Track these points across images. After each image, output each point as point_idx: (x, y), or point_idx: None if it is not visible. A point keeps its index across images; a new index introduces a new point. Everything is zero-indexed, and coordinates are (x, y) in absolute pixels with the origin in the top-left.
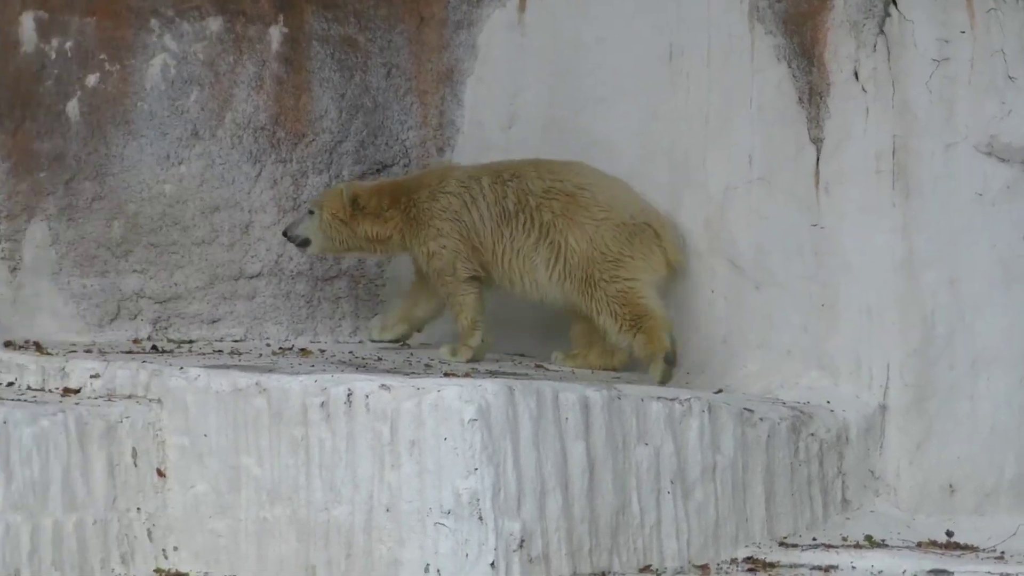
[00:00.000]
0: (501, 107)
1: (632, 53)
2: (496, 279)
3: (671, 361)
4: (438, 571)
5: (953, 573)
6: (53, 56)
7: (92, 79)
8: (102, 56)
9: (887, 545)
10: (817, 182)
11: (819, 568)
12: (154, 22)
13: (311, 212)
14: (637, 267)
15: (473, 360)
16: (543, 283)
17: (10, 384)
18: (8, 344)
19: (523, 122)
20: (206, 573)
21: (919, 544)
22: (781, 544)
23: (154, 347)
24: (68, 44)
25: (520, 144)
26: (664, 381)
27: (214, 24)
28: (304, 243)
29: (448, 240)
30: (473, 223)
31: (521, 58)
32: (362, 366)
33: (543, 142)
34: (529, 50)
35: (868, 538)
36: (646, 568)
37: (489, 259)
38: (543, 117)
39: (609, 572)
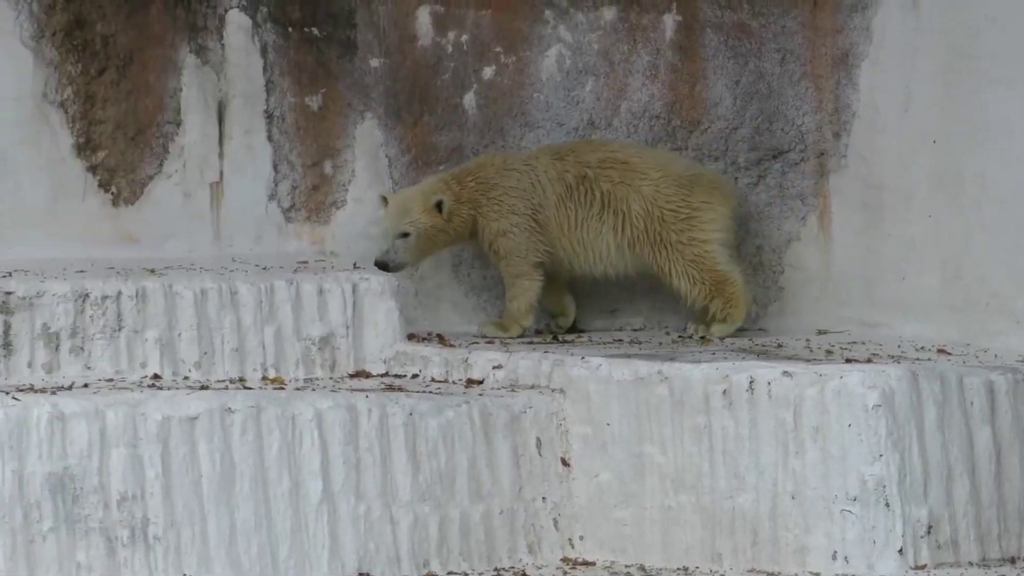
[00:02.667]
0: (896, 90)
1: None
2: (561, 255)
3: (742, 329)
4: (845, 558)
5: None
6: (449, 49)
7: (488, 71)
8: (498, 48)
9: None
10: None
11: None
12: (548, 13)
13: (405, 235)
14: (706, 222)
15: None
16: (610, 253)
17: (414, 376)
18: (412, 336)
19: (918, 105)
20: (612, 561)
21: None
22: None
23: (555, 337)
24: (464, 37)
25: (916, 127)
26: (722, 338)
27: (608, 14)
28: (402, 267)
29: (520, 218)
30: (540, 200)
31: (916, 40)
32: (763, 353)
33: (940, 124)
34: (924, 32)
35: None
36: None
37: (556, 234)
38: (939, 99)
39: (1019, 558)
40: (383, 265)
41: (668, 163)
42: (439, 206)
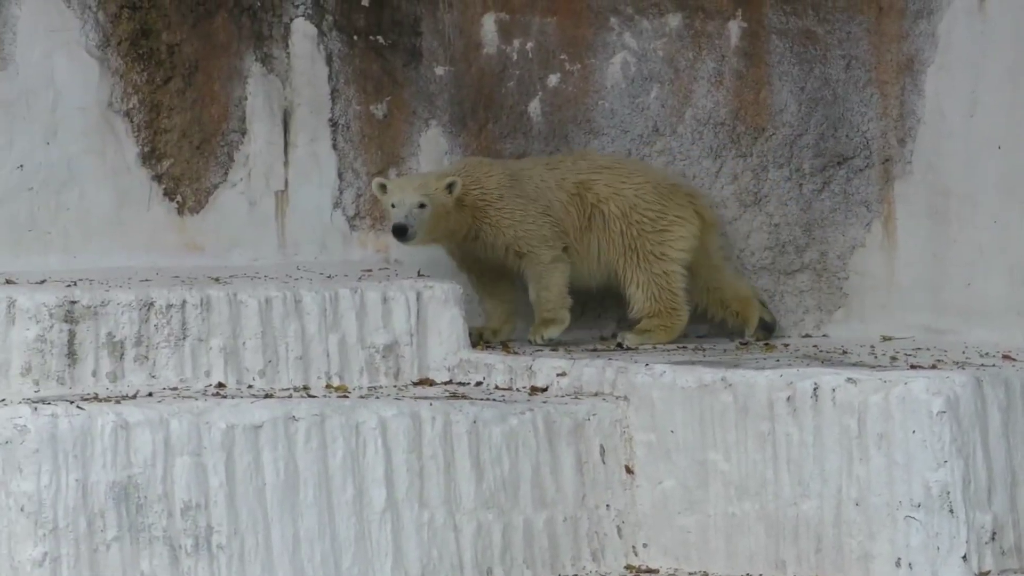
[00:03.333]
0: (963, 96)
1: None
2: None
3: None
4: (909, 565)
5: None
6: (515, 57)
7: (553, 79)
8: (563, 56)
9: None
10: None
11: None
12: (614, 20)
13: (422, 206)
14: (676, 239)
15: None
16: (596, 262)
17: (479, 383)
18: (475, 344)
19: (985, 110)
20: (676, 569)
21: None
22: None
23: (619, 344)
24: (529, 44)
25: (982, 132)
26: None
27: (673, 21)
28: (413, 235)
29: (536, 210)
30: (547, 202)
31: (982, 45)
32: (827, 360)
33: (1006, 129)
34: (991, 37)
35: None
36: None
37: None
38: (1006, 104)
39: None
40: (402, 229)
41: (650, 171)
42: (451, 187)
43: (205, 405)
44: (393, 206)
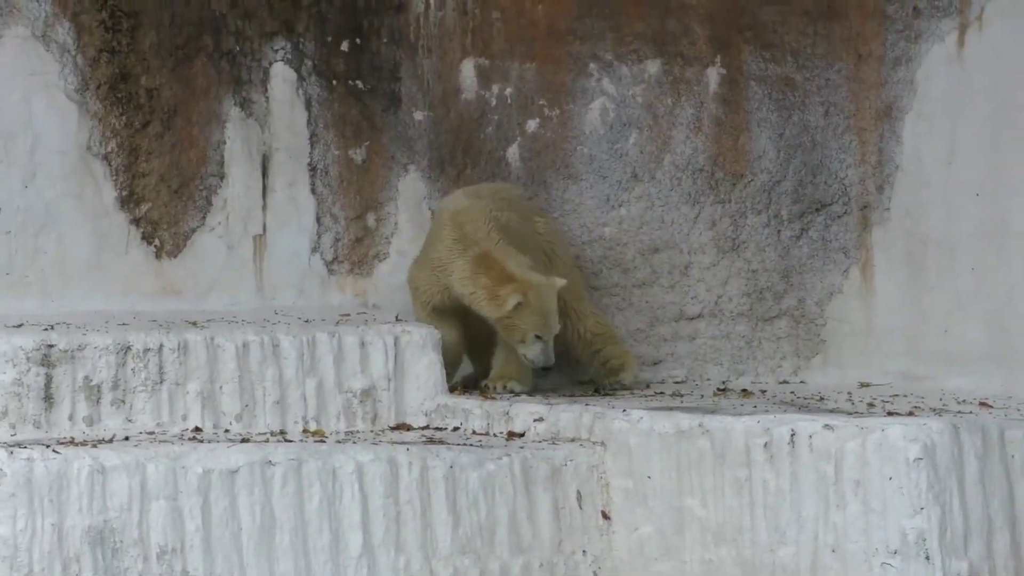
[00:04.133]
0: (940, 143)
1: None
2: None
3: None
4: None
5: None
6: (494, 102)
7: (532, 124)
8: (542, 101)
9: None
10: None
11: None
12: (593, 66)
13: (519, 303)
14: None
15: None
16: None
17: (456, 429)
18: (453, 388)
19: (963, 157)
20: None
21: None
22: None
23: (596, 390)
24: (508, 90)
25: (961, 180)
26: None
27: (652, 67)
28: None
29: None
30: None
31: (961, 93)
32: (804, 406)
33: (985, 177)
34: (969, 84)
35: None
36: None
37: None
38: (984, 151)
39: None
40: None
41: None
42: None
43: (182, 449)
44: (539, 337)
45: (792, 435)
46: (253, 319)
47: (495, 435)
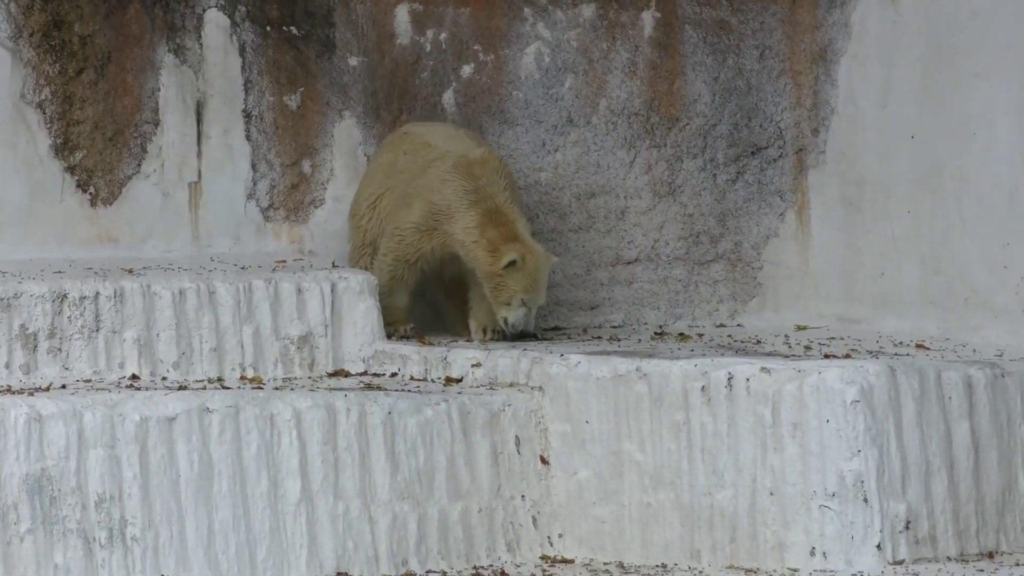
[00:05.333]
0: (875, 86)
1: (1008, 27)
2: None
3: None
4: (824, 554)
5: None
6: (428, 47)
7: (467, 69)
8: (476, 47)
9: None
10: None
11: None
12: (527, 11)
13: (513, 262)
14: None
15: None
16: None
17: (393, 375)
18: (389, 336)
19: (898, 100)
20: (591, 559)
21: None
22: None
23: (534, 335)
24: (443, 35)
25: (895, 122)
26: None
27: (587, 11)
28: None
29: None
30: None
31: (895, 35)
32: (741, 350)
33: (919, 120)
34: (903, 27)
35: None
36: None
37: None
38: (918, 94)
39: (997, 552)
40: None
41: None
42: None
43: (119, 397)
44: (523, 303)
45: (729, 378)
46: (189, 266)
47: (433, 381)
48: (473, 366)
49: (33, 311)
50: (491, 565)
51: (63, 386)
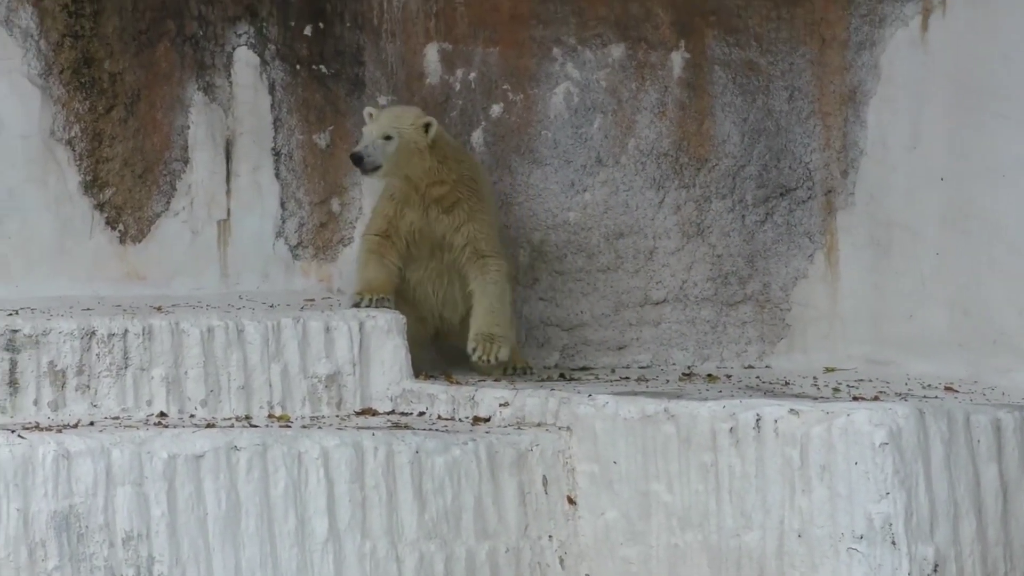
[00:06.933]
0: (904, 127)
1: None
2: None
3: None
4: None
5: None
6: (457, 87)
7: (496, 109)
8: (505, 86)
9: None
10: None
11: None
12: (557, 51)
13: (388, 138)
14: None
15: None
16: None
17: (421, 414)
18: (419, 374)
19: (927, 142)
20: None
21: None
22: None
23: (561, 375)
24: (472, 75)
25: (924, 164)
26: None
27: (616, 51)
28: (375, 169)
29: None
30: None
31: (924, 78)
32: (769, 391)
33: (948, 162)
34: (933, 69)
35: None
36: None
37: None
38: (947, 136)
39: None
40: (358, 158)
41: None
42: (427, 127)
43: (147, 434)
44: (351, 150)
45: (758, 420)
46: (218, 304)
47: (461, 420)
48: (501, 405)
49: (62, 348)
50: None
51: (91, 423)
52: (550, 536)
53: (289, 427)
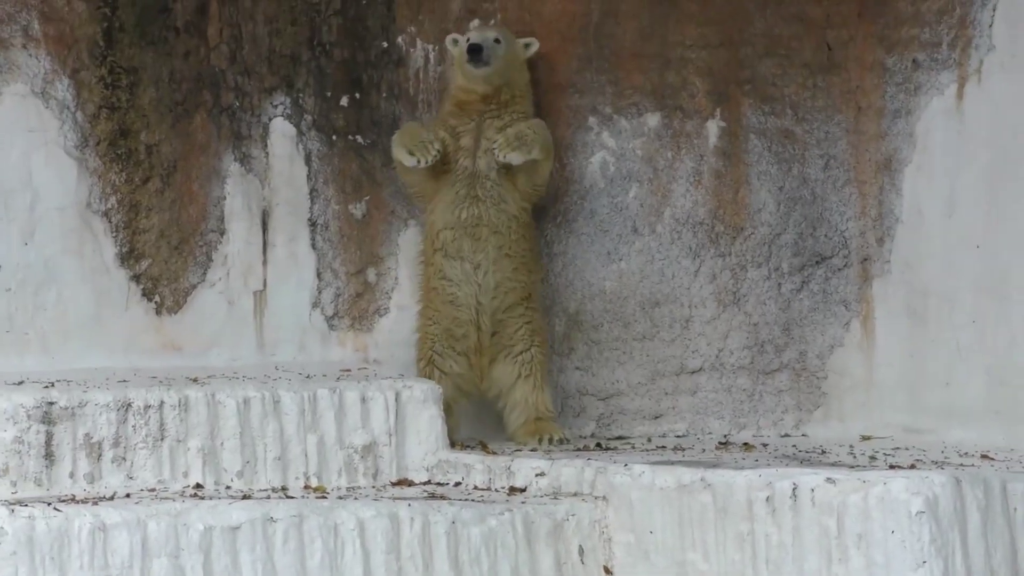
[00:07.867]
0: (940, 195)
1: None
2: None
3: None
4: None
5: None
6: None
7: None
8: None
9: None
10: None
11: None
12: (592, 120)
13: (497, 41)
14: None
15: None
16: None
17: (457, 484)
18: (454, 444)
19: (963, 209)
20: None
21: None
22: None
23: (598, 444)
24: None
25: (960, 232)
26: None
27: (652, 120)
28: (486, 65)
29: None
30: None
31: (960, 145)
32: (806, 460)
33: (984, 229)
34: (968, 137)
35: None
36: None
37: None
38: (983, 204)
39: None
40: (477, 48)
41: None
42: (528, 45)
43: (183, 506)
44: (469, 40)
45: (794, 489)
46: (254, 375)
47: (497, 490)
48: (537, 475)
49: (98, 420)
50: None
51: (127, 495)
52: None
53: (325, 498)
